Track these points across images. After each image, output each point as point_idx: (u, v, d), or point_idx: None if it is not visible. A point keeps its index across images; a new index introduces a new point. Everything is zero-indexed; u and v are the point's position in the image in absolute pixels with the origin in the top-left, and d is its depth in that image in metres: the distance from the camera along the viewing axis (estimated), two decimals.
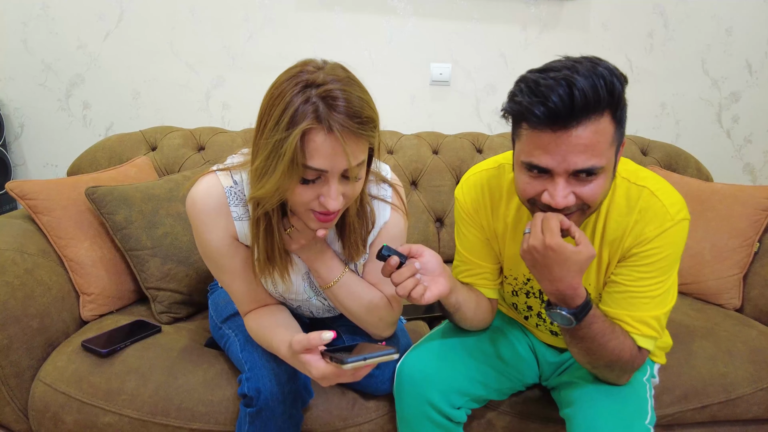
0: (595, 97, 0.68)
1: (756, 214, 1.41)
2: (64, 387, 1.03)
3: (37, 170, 1.93)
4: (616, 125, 0.73)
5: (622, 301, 0.85)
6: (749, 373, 1.15)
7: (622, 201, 0.85)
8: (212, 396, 1.04)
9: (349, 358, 0.69)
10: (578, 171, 0.72)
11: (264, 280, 0.95)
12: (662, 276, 0.84)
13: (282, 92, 0.72)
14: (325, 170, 0.74)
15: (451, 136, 1.78)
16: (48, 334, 1.10)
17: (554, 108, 0.68)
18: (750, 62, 2.03)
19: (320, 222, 0.80)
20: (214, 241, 0.89)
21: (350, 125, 0.72)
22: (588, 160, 0.71)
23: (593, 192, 0.74)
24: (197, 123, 1.88)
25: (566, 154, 0.70)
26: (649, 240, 0.82)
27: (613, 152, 0.75)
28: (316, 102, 0.71)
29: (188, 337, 1.19)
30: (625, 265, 0.85)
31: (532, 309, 1.03)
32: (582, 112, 0.68)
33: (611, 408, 0.85)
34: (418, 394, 0.92)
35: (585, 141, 0.69)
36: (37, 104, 1.86)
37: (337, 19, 1.86)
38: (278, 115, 0.71)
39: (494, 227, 0.97)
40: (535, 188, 0.76)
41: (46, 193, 1.26)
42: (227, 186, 0.87)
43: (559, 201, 0.73)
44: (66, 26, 1.80)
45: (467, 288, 0.98)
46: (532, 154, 0.73)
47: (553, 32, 1.93)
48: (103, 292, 1.26)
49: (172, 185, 1.38)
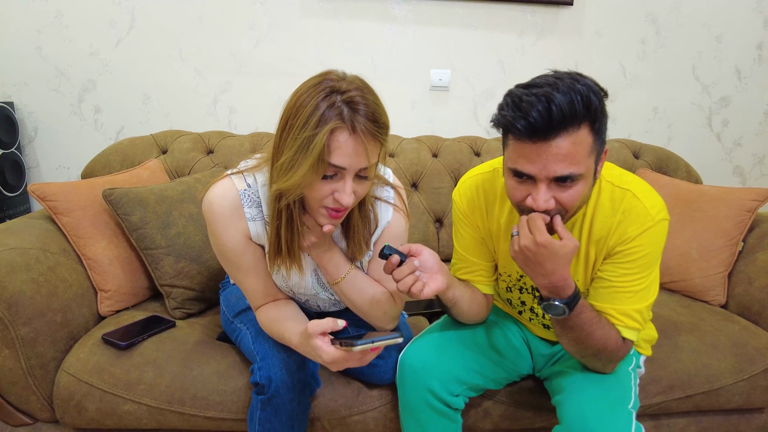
0: (572, 112, 0.75)
1: (740, 215, 1.48)
2: (87, 377, 1.09)
3: (50, 172, 1.99)
4: (594, 136, 0.79)
5: (607, 296, 0.92)
6: (731, 364, 1.21)
7: (606, 203, 0.92)
8: (225, 386, 1.10)
9: (359, 341, 0.76)
10: (558, 178, 0.79)
11: (275, 275, 1.02)
12: (644, 272, 0.91)
13: (309, 96, 0.81)
14: (344, 167, 0.81)
15: (450, 140, 1.84)
16: (70, 328, 1.17)
17: (534, 122, 0.75)
18: (739, 68, 2.10)
19: (330, 218, 0.88)
20: (230, 240, 0.96)
21: (370, 127, 0.81)
22: (567, 168, 0.78)
23: (571, 197, 0.82)
24: (205, 127, 1.94)
25: (546, 162, 0.78)
26: (631, 239, 0.89)
27: (592, 161, 0.82)
28: (341, 106, 0.79)
29: (201, 331, 1.25)
30: (610, 262, 0.93)
31: (526, 304, 1.10)
32: (560, 126, 0.76)
33: (597, 394, 0.92)
34: (419, 383, 0.99)
35: (564, 151, 0.77)
36: (51, 109, 1.92)
37: (340, 27, 1.92)
38: (306, 115, 0.79)
39: (489, 227, 1.04)
40: (522, 193, 0.84)
41: (65, 195, 1.33)
42: (241, 189, 0.94)
43: (540, 204, 0.81)
44: (78, 33, 1.86)
45: (464, 284, 1.05)
46: (517, 162, 0.81)
47: (549, 39, 2.00)
48: (119, 289, 1.32)
49: (184, 187, 1.45)
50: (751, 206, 1.48)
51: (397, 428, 1.13)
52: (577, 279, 0.98)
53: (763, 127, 2.17)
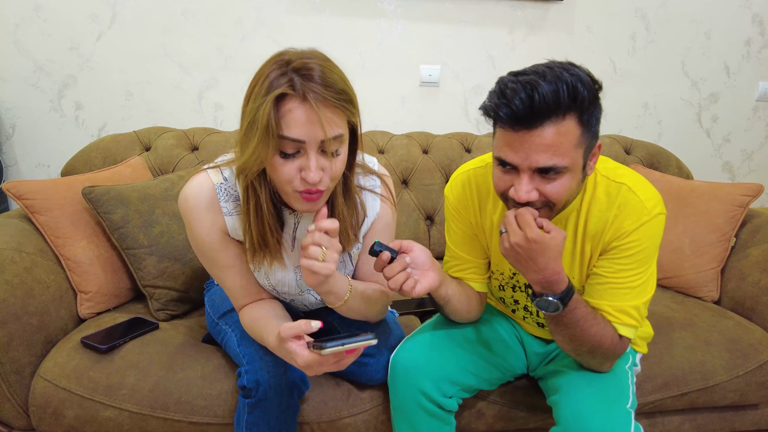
0: (556, 101, 0.73)
1: (732, 210, 1.47)
2: (64, 383, 1.05)
3: (29, 171, 1.93)
4: (582, 128, 0.77)
5: (603, 292, 0.90)
6: (726, 361, 1.20)
7: (602, 197, 0.90)
8: (210, 389, 1.06)
9: (328, 344, 0.72)
10: (541, 169, 0.77)
11: (258, 274, 0.98)
12: (641, 267, 0.88)
13: (261, 70, 0.77)
14: (302, 140, 0.75)
15: (441, 136, 1.81)
16: (47, 332, 1.12)
17: (516, 110, 0.74)
18: (728, 64, 2.10)
19: (306, 202, 0.82)
20: (206, 236, 0.92)
21: (325, 94, 0.74)
22: (550, 159, 0.76)
23: (556, 191, 0.79)
24: (190, 124, 1.90)
25: (529, 152, 0.76)
26: (627, 233, 0.87)
27: (579, 154, 0.79)
28: (290, 74, 0.75)
29: (185, 333, 1.21)
30: (606, 258, 0.90)
31: (519, 302, 1.07)
32: (543, 115, 0.74)
33: (594, 393, 0.90)
34: (411, 384, 0.96)
35: (547, 141, 0.75)
36: (30, 105, 1.86)
37: (329, 22, 1.89)
38: (257, 87, 0.75)
39: (481, 224, 1.01)
40: (505, 183, 0.82)
41: (43, 193, 1.28)
42: (217, 183, 0.90)
43: (521, 195, 0.79)
44: (58, 27, 1.80)
45: (457, 282, 1.02)
46: (501, 150, 0.80)
47: (539, 35, 1.98)
48: (100, 290, 1.27)
49: (168, 185, 1.40)
50: (743, 201, 1.47)
51: (388, 431, 1.10)
52: (573, 276, 0.96)
53: (751, 123, 2.18)
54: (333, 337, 0.79)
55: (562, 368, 0.99)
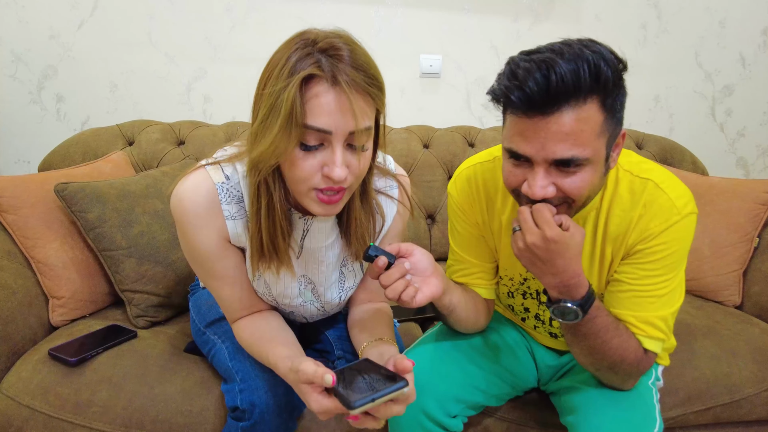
0: (576, 82, 0.63)
1: (755, 208, 1.38)
2: (28, 400, 0.95)
3: (8, 167, 1.83)
4: (605, 114, 0.67)
5: (626, 301, 0.80)
6: (753, 373, 1.11)
7: (625, 194, 0.80)
8: (191, 406, 0.97)
9: (357, 401, 0.60)
10: (559, 161, 0.67)
11: (256, 283, 0.88)
12: (669, 274, 0.78)
13: (280, 52, 0.67)
14: (328, 131, 0.65)
15: (442, 130, 1.73)
16: (12, 342, 1.03)
17: (530, 93, 0.64)
18: (743, 55, 2.01)
19: (324, 204, 0.71)
20: (205, 243, 0.80)
21: (357, 77, 0.65)
22: (569, 150, 0.66)
23: (577, 186, 0.69)
24: (177, 117, 1.80)
25: (545, 141, 0.66)
26: (654, 236, 0.77)
27: (602, 144, 0.69)
28: (317, 54, 0.65)
29: (167, 342, 1.12)
30: (629, 262, 0.80)
31: (530, 311, 0.98)
32: (561, 98, 0.64)
33: (617, 416, 0.80)
34: (413, 404, 0.86)
35: (565, 129, 0.65)
36: (7, 97, 1.76)
37: (324, 9, 1.79)
38: (278, 69, 0.65)
39: (489, 224, 0.92)
40: (518, 178, 0.72)
41: (12, 189, 1.18)
42: (218, 182, 0.78)
43: (536, 191, 0.69)
44: (37, 14, 1.70)
45: (462, 288, 0.92)
46: (512, 141, 0.70)
47: (546, 24, 1.89)
48: (74, 296, 1.18)
49: (150, 181, 1.31)
50: (766, 199, 1.38)
51: None
52: (591, 281, 0.86)
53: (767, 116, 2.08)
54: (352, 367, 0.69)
55: (578, 384, 0.89)
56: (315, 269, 0.89)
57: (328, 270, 0.90)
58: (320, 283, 0.91)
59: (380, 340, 0.84)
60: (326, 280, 0.91)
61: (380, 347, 0.82)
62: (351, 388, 0.64)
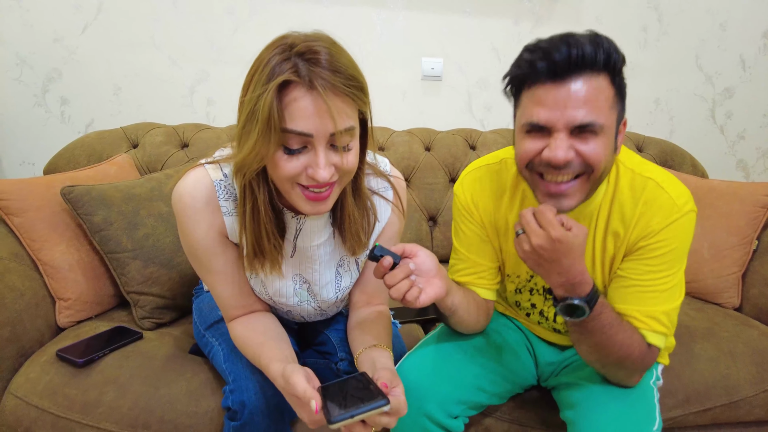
0: (592, 55, 0.70)
1: (754, 211, 1.39)
2: (36, 400, 0.97)
3: (13, 169, 1.85)
4: (615, 91, 0.73)
5: (629, 296, 0.83)
6: (752, 374, 1.12)
7: (626, 192, 0.83)
8: (196, 407, 0.98)
9: (336, 417, 0.63)
10: (578, 126, 0.71)
11: (254, 281, 0.90)
12: (670, 270, 0.81)
13: (261, 55, 0.68)
14: (309, 134, 0.67)
15: (444, 133, 1.74)
16: (20, 344, 1.04)
17: (555, 60, 0.69)
18: (744, 58, 2.01)
19: (312, 202, 0.73)
20: (202, 237, 0.82)
21: (334, 80, 0.66)
22: (588, 115, 0.71)
23: (596, 151, 0.73)
24: (181, 119, 1.81)
25: (565, 107, 0.71)
26: (656, 232, 0.80)
27: (613, 119, 0.74)
28: (295, 59, 0.66)
29: (172, 343, 1.13)
30: (632, 258, 0.83)
31: (536, 306, 0.99)
32: (580, 66, 0.70)
33: (618, 414, 0.81)
34: (415, 406, 0.87)
35: (584, 95, 0.70)
36: (12, 100, 1.77)
37: (326, 12, 1.80)
38: (257, 74, 0.67)
39: (495, 224, 0.93)
40: (537, 147, 0.75)
41: (19, 192, 1.19)
42: (216, 179, 0.81)
43: (558, 154, 0.72)
44: (41, 18, 1.72)
45: (463, 290, 0.93)
46: (532, 113, 0.73)
47: (547, 26, 1.90)
48: (80, 298, 1.19)
49: (154, 184, 1.32)
50: (766, 201, 1.39)
51: None
52: (595, 278, 0.87)
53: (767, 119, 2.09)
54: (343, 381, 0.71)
55: (579, 380, 0.91)
56: (309, 268, 0.91)
57: (322, 269, 0.91)
58: (315, 282, 0.92)
59: (375, 347, 0.85)
60: (321, 278, 0.92)
61: (374, 353, 0.84)
62: (335, 402, 0.66)
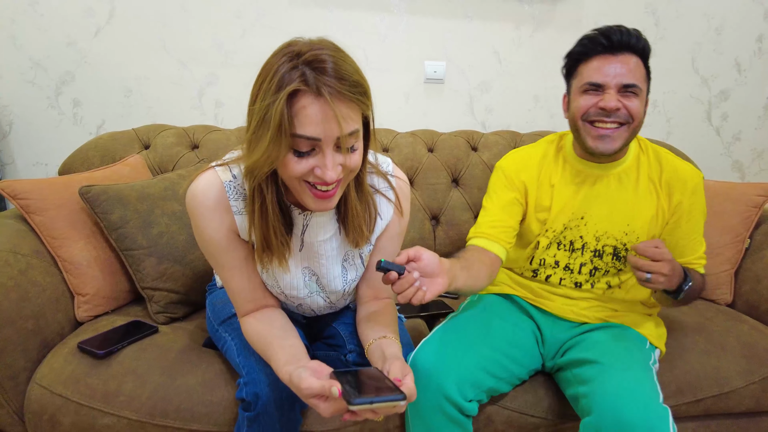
0: (636, 42, 1.01)
1: (747, 210, 1.43)
2: (60, 389, 1.02)
3: (27, 169, 1.90)
4: (646, 72, 1.04)
5: (686, 250, 1.13)
6: (741, 367, 1.17)
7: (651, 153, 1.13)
8: (211, 396, 1.03)
9: (357, 400, 0.67)
10: (624, 85, 1.00)
11: (265, 276, 0.95)
12: (701, 221, 1.13)
13: (269, 64, 0.73)
14: (317, 138, 0.72)
15: (446, 134, 1.78)
16: (43, 336, 1.09)
17: (613, 40, 1.01)
18: (739, 61, 2.06)
19: (318, 200, 0.78)
20: (215, 235, 0.88)
21: (340, 87, 0.70)
22: (632, 78, 1.01)
23: (635, 107, 1.02)
24: (190, 121, 1.86)
25: (617, 71, 1.01)
26: (692, 193, 1.09)
27: (644, 91, 1.03)
28: (302, 67, 0.70)
29: (186, 337, 1.18)
30: (685, 221, 1.11)
31: (559, 263, 1.16)
32: (627, 46, 1.01)
33: (632, 382, 0.92)
34: (434, 386, 0.94)
35: (629, 65, 1.01)
36: (26, 102, 1.82)
37: (331, 17, 1.85)
38: (267, 83, 0.71)
39: (539, 184, 1.15)
40: (592, 101, 1.04)
41: (39, 192, 1.24)
42: (226, 180, 0.86)
43: (611, 102, 1.00)
44: (55, 22, 1.77)
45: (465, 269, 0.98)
46: (592, 76, 1.03)
47: (547, 31, 1.94)
48: (98, 293, 1.24)
49: (167, 184, 1.37)
50: (758, 202, 1.43)
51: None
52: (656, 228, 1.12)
53: (762, 121, 2.14)
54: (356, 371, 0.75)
55: (589, 357, 1.00)
56: (316, 262, 0.96)
57: (329, 263, 0.96)
58: (323, 275, 0.98)
59: (384, 338, 0.91)
60: (328, 272, 0.97)
61: (383, 344, 0.89)
62: (356, 388, 0.70)
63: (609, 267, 1.12)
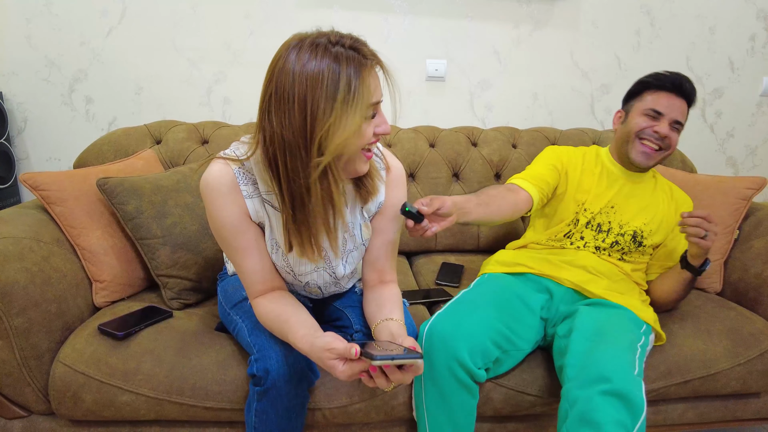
0: (692, 92, 1.29)
1: (736, 203, 1.49)
2: (83, 368, 1.07)
3: (40, 164, 1.96)
4: (687, 117, 1.30)
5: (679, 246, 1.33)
6: (727, 349, 1.22)
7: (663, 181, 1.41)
8: (224, 376, 1.09)
9: (379, 356, 0.74)
10: (676, 121, 1.27)
11: (275, 255, 1.00)
12: None
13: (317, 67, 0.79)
14: (380, 100, 0.86)
15: (447, 130, 1.83)
16: (65, 319, 1.15)
17: (678, 84, 1.27)
18: (732, 60, 2.12)
19: (368, 159, 0.91)
20: (228, 217, 0.94)
21: (374, 57, 0.85)
22: (681, 117, 1.27)
23: (675, 139, 1.28)
24: (198, 118, 1.92)
25: (673, 108, 1.27)
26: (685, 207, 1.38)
27: (681, 131, 1.30)
28: (352, 54, 0.81)
29: (199, 321, 1.24)
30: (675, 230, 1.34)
31: (584, 238, 1.33)
32: (685, 93, 1.28)
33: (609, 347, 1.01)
34: (448, 352, 1.03)
35: (681, 107, 1.28)
36: (41, 99, 1.89)
37: (336, 17, 1.91)
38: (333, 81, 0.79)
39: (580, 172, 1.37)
40: (649, 124, 1.28)
41: (58, 184, 1.30)
42: (235, 168, 0.93)
43: (665, 130, 1.26)
44: (69, 22, 1.83)
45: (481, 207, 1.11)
46: (656, 104, 1.28)
47: (545, 30, 2.00)
48: (114, 280, 1.30)
49: (179, 177, 1.43)
50: (747, 194, 1.49)
51: (400, 416, 1.13)
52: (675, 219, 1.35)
53: (755, 118, 2.19)
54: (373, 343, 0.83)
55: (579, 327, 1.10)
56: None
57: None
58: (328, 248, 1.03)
59: (391, 320, 0.97)
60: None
61: (391, 325, 0.95)
62: (375, 350, 0.78)
63: (627, 246, 1.31)
